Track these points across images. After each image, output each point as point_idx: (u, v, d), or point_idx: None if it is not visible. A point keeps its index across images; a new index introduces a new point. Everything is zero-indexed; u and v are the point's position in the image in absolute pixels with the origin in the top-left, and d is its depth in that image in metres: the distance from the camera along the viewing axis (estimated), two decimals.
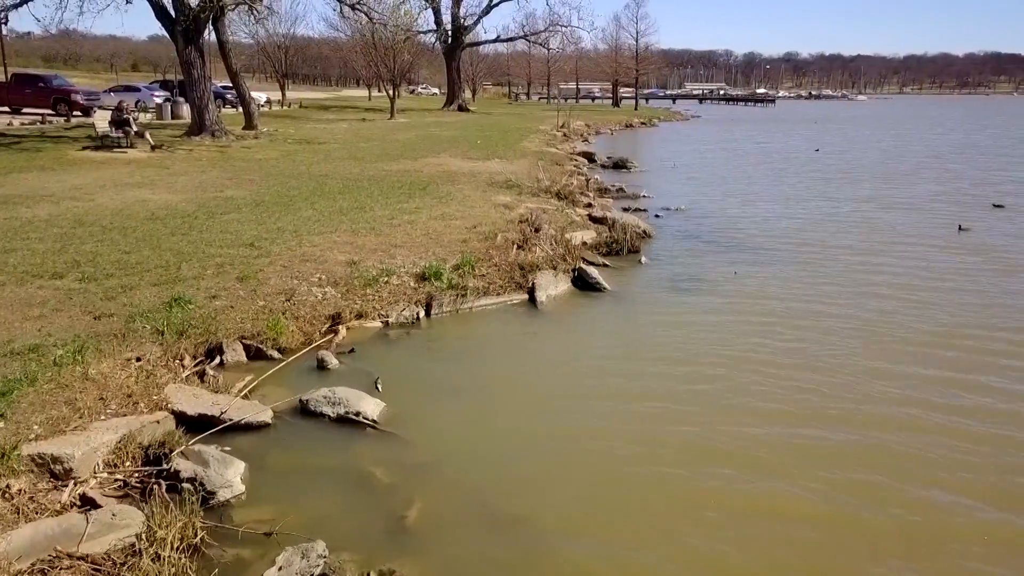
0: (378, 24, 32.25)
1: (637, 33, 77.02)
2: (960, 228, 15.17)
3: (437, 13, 55.31)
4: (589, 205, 16.19)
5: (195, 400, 6.14)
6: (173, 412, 5.96)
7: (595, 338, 8.64)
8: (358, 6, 28.43)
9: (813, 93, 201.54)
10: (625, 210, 16.52)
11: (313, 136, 29.54)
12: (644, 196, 19.18)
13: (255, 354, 7.53)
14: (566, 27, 61.34)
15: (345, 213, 12.88)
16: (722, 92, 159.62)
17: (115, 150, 21.40)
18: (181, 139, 25.05)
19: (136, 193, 14.50)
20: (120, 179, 16.34)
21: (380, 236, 11.26)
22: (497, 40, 65.09)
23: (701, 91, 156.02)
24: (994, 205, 18.28)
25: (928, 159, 31.64)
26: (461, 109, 56.84)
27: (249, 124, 29.72)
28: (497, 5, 59.20)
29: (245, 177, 17.14)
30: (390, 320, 8.70)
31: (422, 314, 8.97)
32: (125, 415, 5.72)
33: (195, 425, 5.93)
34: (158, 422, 5.74)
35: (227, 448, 5.63)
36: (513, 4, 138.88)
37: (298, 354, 7.66)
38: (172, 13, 25.19)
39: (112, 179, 16.27)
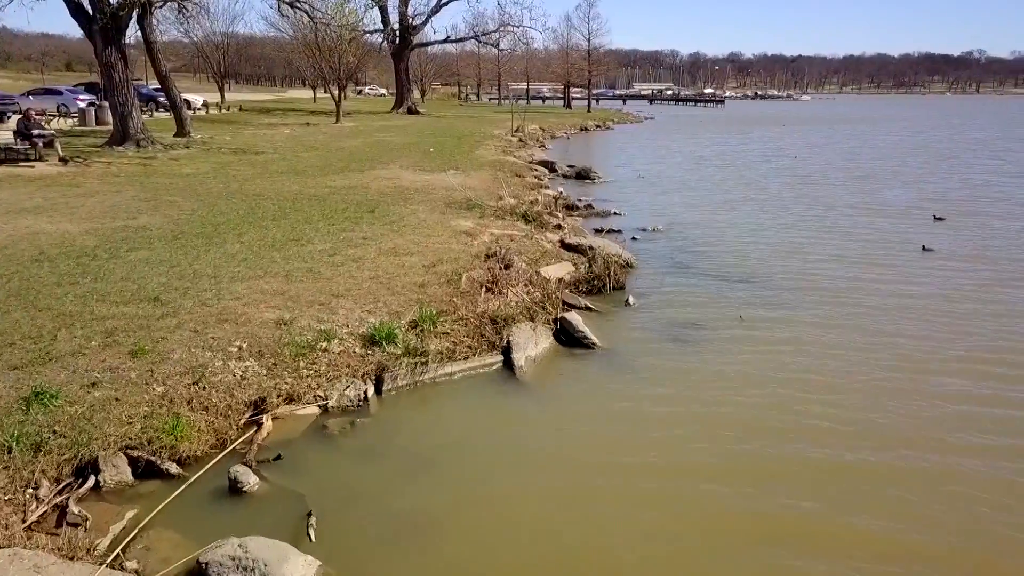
0: (321, 24, 29.98)
1: (589, 33, 75.59)
2: (924, 248, 14.02)
3: (384, 12, 53.02)
4: (559, 227, 14.46)
5: None
6: None
7: (595, 424, 6.78)
8: (297, 4, 26.23)
9: (759, 93, 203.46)
10: (598, 231, 14.87)
11: (251, 144, 27.21)
12: (615, 213, 17.51)
13: (145, 469, 5.58)
14: (517, 27, 59.45)
15: (278, 248, 10.88)
16: (671, 92, 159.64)
17: (20, 164, 18.92)
18: (101, 150, 22.56)
19: (30, 222, 12.26)
20: (17, 202, 14.03)
21: (319, 280, 9.30)
22: (447, 41, 62.96)
23: (651, 91, 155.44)
24: (935, 218, 17.30)
25: (891, 163, 30.73)
26: (411, 112, 54.62)
27: (181, 131, 27.29)
28: (446, 4, 57.12)
29: (166, 198, 14.94)
30: (329, 403, 6.78)
31: (371, 392, 7.07)
32: None
33: None
34: None
35: None
36: (462, 3, 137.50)
37: (206, 467, 5.71)
38: (89, 10, 22.70)
39: (7, 202, 13.95)
